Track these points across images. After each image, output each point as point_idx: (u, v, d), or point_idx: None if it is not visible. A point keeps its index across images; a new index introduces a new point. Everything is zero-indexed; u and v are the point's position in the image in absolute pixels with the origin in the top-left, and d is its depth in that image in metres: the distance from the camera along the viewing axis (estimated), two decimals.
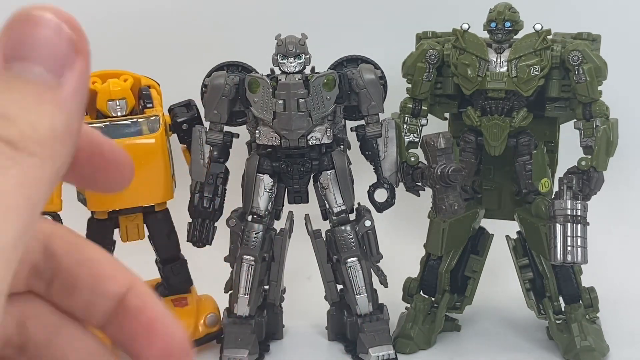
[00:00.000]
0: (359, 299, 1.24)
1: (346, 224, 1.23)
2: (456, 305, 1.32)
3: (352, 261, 1.22)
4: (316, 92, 1.17)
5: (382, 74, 1.23)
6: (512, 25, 1.19)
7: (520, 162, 1.23)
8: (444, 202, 1.15)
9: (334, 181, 1.22)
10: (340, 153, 1.23)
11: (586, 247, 1.14)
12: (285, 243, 1.25)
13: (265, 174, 1.22)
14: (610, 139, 1.18)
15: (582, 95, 1.18)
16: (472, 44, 1.20)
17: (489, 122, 1.21)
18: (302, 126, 1.17)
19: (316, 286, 1.31)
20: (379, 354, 1.22)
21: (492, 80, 1.19)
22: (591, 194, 1.19)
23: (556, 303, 1.26)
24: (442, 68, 1.25)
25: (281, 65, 1.18)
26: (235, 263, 1.23)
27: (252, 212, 1.22)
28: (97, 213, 1.22)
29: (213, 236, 1.24)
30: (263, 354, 1.27)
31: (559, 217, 1.14)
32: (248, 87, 1.19)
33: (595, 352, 1.21)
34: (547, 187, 1.22)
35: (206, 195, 1.22)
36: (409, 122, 1.26)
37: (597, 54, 1.20)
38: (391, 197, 1.24)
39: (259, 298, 1.25)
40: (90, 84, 1.19)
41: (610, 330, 1.27)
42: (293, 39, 1.18)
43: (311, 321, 1.35)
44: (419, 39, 1.28)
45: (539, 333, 1.31)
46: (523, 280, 1.27)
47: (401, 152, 1.24)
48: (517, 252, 1.29)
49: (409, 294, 1.32)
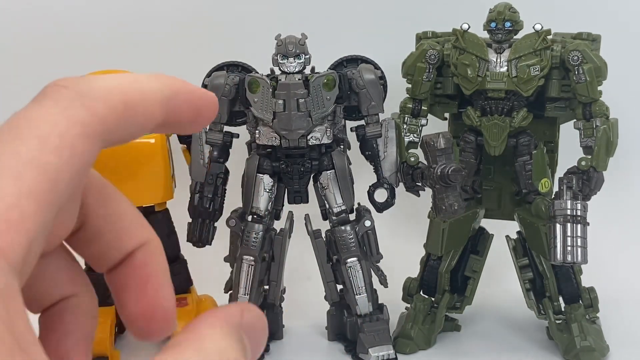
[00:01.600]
0: (359, 299, 1.24)
1: (346, 224, 1.23)
2: (456, 305, 1.32)
3: (352, 261, 1.22)
4: (316, 92, 1.17)
5: (382, 74, 1.23)
6: (512, 25, 1.19)
7: (520, 162, 1.23)
8: (444, 202, 1.15)
9: (334, 181, 1.22)
10: (340, 153, 1.23)
11: (586, 247, 1.14)
12: (285, 243, 1.25)
13: (265, 174, 1.22)
14: (610, 139, 1.18)
15: (582, 95, 1.18)
16: (472, 44, 1.20)
17: (489, 122, 1.21)
18: (302, 126, 1.17)
19: (316, 286, 1.31)
20: (379, 354, 1.22)
21: (492, 80, 1.19)
22: (591, 194, 1.19)
23: (556, 303, 1.26)
24: (442, 68, 1.25)
25: (281, 65, 1.18)
26: (235, 263, 1.23)
27: (252, 212, 1.22)
28: None
29: (213, 236, 1.24)
30: (263, 354, 1.27)
31: (559, 217, 1.14)
32: (248, 87, 1.19)
33: (595, 352, 1.21)
34: (547, 187, 1.22)
35: (206, 195, 1.22)
36: (409, 122, 1.26)
37: (597, 54, 1.20)
38: (391, 197, 1.24)
39: (259, 298, 1.25)
40: None
41: (610, 330, 1.27)
42: (293, 39, 1.18)
43: (311, 321, 1.35)
44: (419, 39, 1.28)
45: (539, 333, 1.31)
46: (523, 280, 1.27)
47: (401, 152, 1.24)
48: (517, 252, 1.29)
49: (409, 294, 1.32)
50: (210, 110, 0.35)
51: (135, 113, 0.32)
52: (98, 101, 0.30)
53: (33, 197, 0.27)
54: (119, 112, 0.31)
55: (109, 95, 0.31)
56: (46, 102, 0.30)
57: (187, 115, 0.34)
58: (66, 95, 0.30)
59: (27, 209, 0.27)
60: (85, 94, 0.30)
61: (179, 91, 0.34)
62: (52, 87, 0.30)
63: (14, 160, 0.27)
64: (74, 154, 0.29)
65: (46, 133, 0.28)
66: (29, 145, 0.28)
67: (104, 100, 0.31)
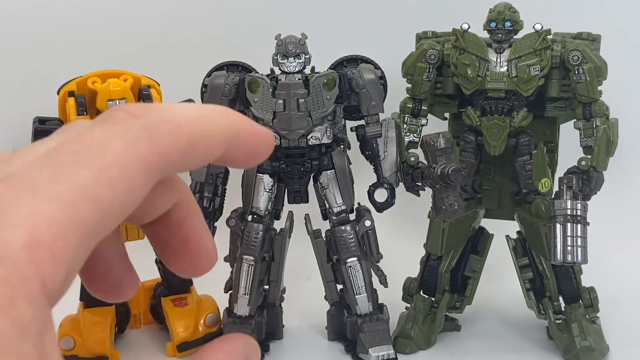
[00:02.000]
0: (359, 299, 1.24)
1: (346, 224, 1.23)
2: (456, 305, 1.32)
3: (352, 261, 1.22)
4: (316, 92, 1.17)
5: (382, 74, 1.23)
6: (512, 25, 1.19)
7: (520, 162, 1.23)
8: (444, 202, 1.15)
9: (334, 181, 1.22)
10: (340, 153, 1.23)
11: (586, 247, 1.14)
12: (285, 243, 1.25)
13: (265, 174, 1.22)
14: (610, 139, 1.18)
15: (582, 95, 1.18)
16: (472, 43, 1.20)
17: (488, 122, 1.21)
18: (302, 126, 1.17)
19: (316, 286, 1.31)
20: (379, 354, 1.22)
21: (492, 80, 1.19)
22: (591, 194, 1.19)
23: (556, 303, 1.26)
24: (442, 68, 1.25)
25: (281, 65, 1.18)
26: (235, 263, 1.23)
27: (252, 212, 1.22)
28: None
29: (213, 236, 1.24)
30: (263, 354, 1.27)
31: (559, 217, 1.14)
32: (248, 87, 1.19)
33: (595, 352, 1.21)
34: (547, 187, 1.22)
35: (206, 195, 1.22)
36: (409, 122, 1.26)
37: (597, 54, 1.20)
38: (391, 197, 1.24)
39: (259, 298, 1.25)
40: (90, 83, 1.19)
41: (610, 330, 1.27)
42: (293, 39, 1.18)
43: (311, 321, 1.35)
44: (419, 39, 1.28)
45: (539, 333, 1.31)
46: (523, 280, 1.27)
47: (401, 152, 1.24)
48: (517, 252, 1.29)
49: (409, 294, 1.32)
50: (266, 151, 0.35)
51: (198, 149, 0.32)
52: (165, 137, 0.30)
53: (81, 229, 0.27)
54: (182, 149, 0.31)
55: (177, 130, 0.31)
56: (114, 128, 0.29)
57: (244, 154, 0.35)
58: (136, 127, 0.29)
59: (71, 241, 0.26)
60: (154, 128, 0.30)
61: (242, 130, 0.34)
62: (121, 112, 0.30)
63: (69, 185, 0.27)
64: (130, 189, 0.29)
65: (108, 164, 0.28)
66: (88, 174, 0.27)
67: (171, 135, 0.30)
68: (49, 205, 0.26)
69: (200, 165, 0.33)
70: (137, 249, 1.03)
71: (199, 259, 0.36)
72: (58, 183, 0.27)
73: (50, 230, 0.26)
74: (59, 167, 0.27)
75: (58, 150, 0.28)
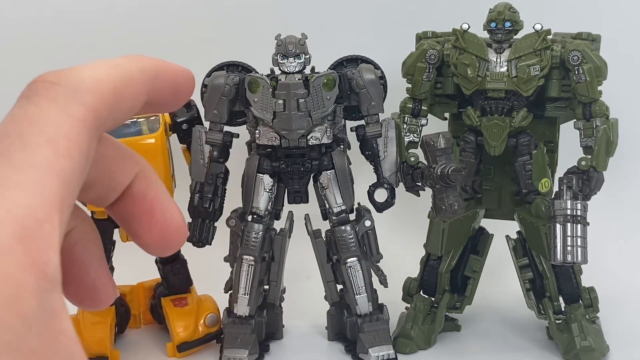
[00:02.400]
0: (359, 299, 1.24)
1: (346, 224, 1.23)
2: (456, 305, 1.32)
3: (352, 261, 1.22)
4: (316, 92, 1.17)
5: (382, 74, 1.23)
6: (512, 25, 1.19)
7: (520, 162, 1.23)
8: (444, 202, 1.15)
9: (334, 181, 1.22)
10: (340, 153, 1.23)
11: (586, 247, 1.14)
12: (285, 243, 1.25)
13: (265, 174, 1.22)
14: (610, 139, 1.18)
15: (582, 95, 1.18)
16: (472, 44, 1.20)
17: (488, 122, 1.21)
18: (302, 126, 1.17)
19: (316, 286, 1.31)
20: (379, 354, 1.22)
21: (492, 80, 1.19)
22: (591, 194, 1.19)
23: (556, 303, 1.26)
24: (442, 68, 1.25)
25: (281, 65, 1.18)
26: (235, 263, 1.23)
27: (252, 212, 1.22)
28: (97, 213, 1.21)
29: (213, 236, 1.24)
30: (263, 354, 1.27)
31: (559, 217, 1.14)
32: (248, 87, 1.19)
33: (595, 352, 1.21)
34: (547, 187, 1.22)
35: (206, 195, 1.22)
36: (409, 122, 1.26)
37: (597, 54, 1.20)
38: (391, 197, 1.23)
39: (258, 298, 1.25)
40: None
41: (610, 330, 1.27)
42: (293, 39, 1.18)
43: (311, 321, 1.35)
44: (419, 39, 1.28)
45: (539, 333, 1.31)
46: (523, 280, 1.27)
47: (401, 152, 1.24)
48: (517, 252, 1.29)
49: (409, 294, 1.32)
50: (188, 86, 0.36)
51: (124, 99, 0.32)
52: (90, 94, 0.31)
53: (57, 207, 0.27)
54: (109, 101, 0.31)
55: (99, 86, 0.31)
56: (41, 101, 0.30)
57: (168, 93, 0.35)
58: (60, 93, 0.30)
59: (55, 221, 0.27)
60: (77, 89, 0.30)
61: (160, 70, 0.35)
62: (41, 83, 0.30)
63: (33, 170, 0.27)
64: (81, 153, 0.29)
65: (54, 136, 0.28)
66: (42, 153, 0.28)
67: (95, 92, 0.31)
68: (24, 194, 0.27)
69: (131, 115, 0.33)
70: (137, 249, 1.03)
71: (167, 229, 0.36)
72: (21, 171, 0.27)
73: (35, 217, 0.26)
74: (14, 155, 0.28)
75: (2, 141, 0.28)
